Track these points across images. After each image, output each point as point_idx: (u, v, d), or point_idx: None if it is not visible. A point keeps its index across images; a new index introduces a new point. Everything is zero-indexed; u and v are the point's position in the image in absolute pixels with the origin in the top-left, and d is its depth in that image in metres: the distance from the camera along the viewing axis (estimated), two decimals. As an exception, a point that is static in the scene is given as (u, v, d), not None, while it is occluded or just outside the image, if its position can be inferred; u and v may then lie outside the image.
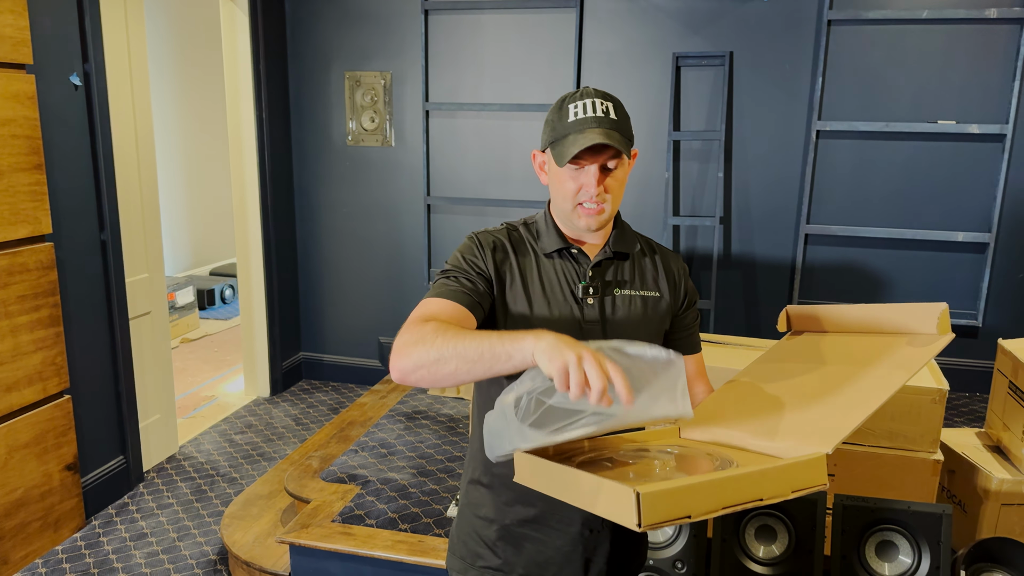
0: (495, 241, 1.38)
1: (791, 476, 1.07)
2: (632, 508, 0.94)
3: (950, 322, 1.28)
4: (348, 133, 4.27)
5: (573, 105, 1.31)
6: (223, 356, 5.19)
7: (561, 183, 1.33)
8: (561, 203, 1.35)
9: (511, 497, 1.37)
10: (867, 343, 1.39)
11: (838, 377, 1.33)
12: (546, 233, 1.40)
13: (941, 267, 3.79)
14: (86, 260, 3.01)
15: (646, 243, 1.49)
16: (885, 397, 1.19)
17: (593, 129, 1.27)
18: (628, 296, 1.40)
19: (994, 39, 3.51)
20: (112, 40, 3.09)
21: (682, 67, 3.83)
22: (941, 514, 1.92)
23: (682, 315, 1.49)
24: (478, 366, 1.11)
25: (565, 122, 1.30)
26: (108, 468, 3.19)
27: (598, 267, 1.39)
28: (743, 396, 1.41)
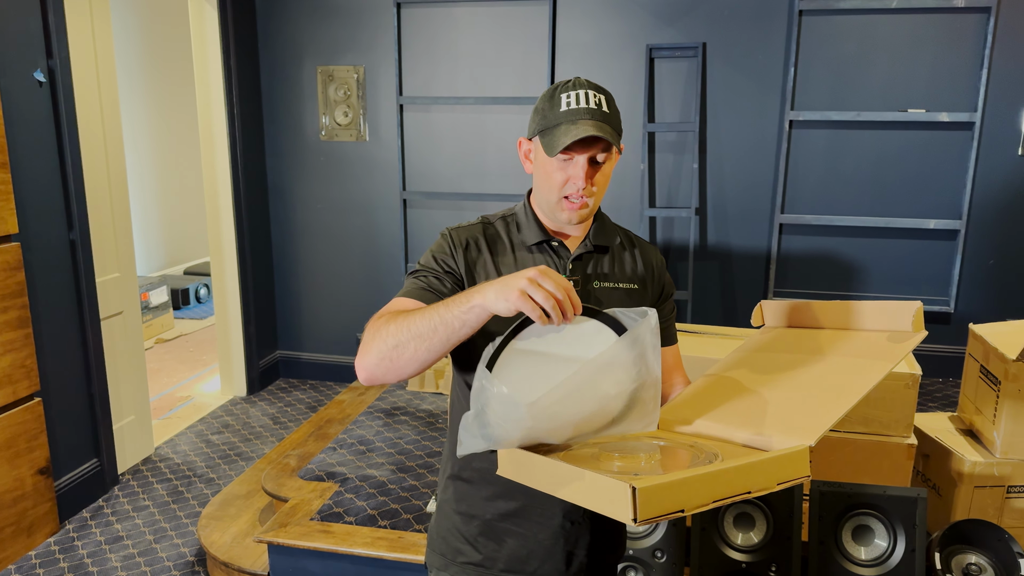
0: (468, 238, 1.36)
1: (777, 468, 1.10)
2: (628, 503, 0.94)
3: (923, 319, 1.30)
4: (321, 128, 4.23)
5: (566, 95, 1.29)
6: (199, 356, 5.12)
7: (548, 174, 1.31)
8: (546, 194, 1.33)
9: (492, 492, 1.36)
10: (843, 338, 1.41)
11: (817, 370, 1.34)
12: (526, 226, 1.39)
13: (913, 254, 3.84)
14: (55, 260, 2.95)
15: (625, 236, 1.49)
16: (865, 390, 1.21)
17: (586, 121, 1.25)
18: (608, 289, 1.39)
19: (962, 28, 3.55)
20: (77, 35, 3.03)
21: (656, 59, 3.84)
22: (916, 498, 1.95)
23: (659, 307, 1.48)
24: (436, 339, 1.12)
25: (557, 111, 1.28)
26: (82, 471, 3.13)
27: (578, 260, 1.38)
28: (723, 388, 1.42)
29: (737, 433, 1.25)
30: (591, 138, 1.25)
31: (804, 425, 1.18)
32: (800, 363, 1.39)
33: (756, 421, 1.26)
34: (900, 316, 1.34)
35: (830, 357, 1.36)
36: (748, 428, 1.25)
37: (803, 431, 1.17)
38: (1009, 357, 2.22)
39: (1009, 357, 2.22)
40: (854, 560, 1.94)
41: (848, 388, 1.24)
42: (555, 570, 1.36)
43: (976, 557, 1.97)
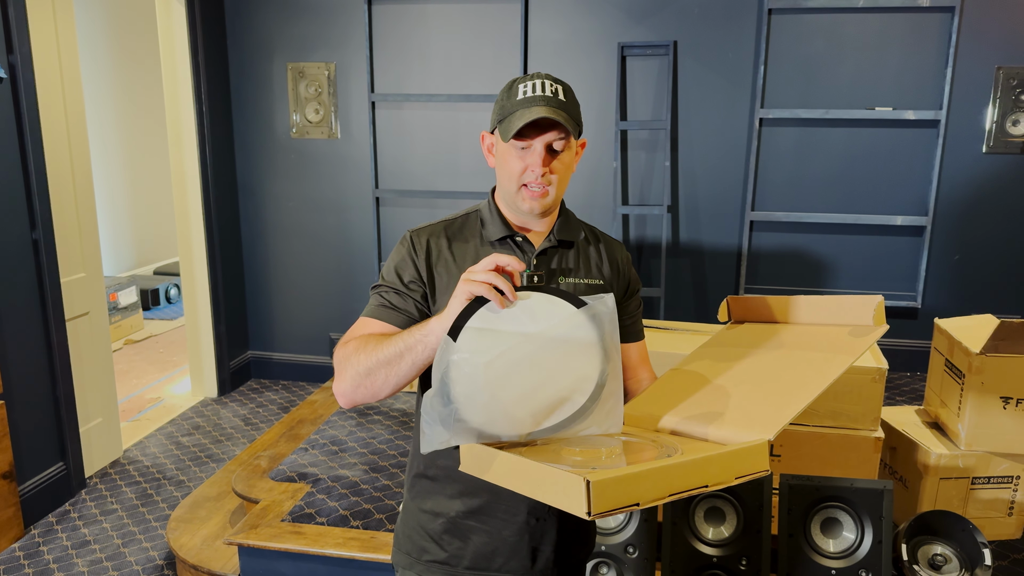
0: (428, 239, 1.36)
1: (735, 462, 1.10)
2: (582, 496, 0.94)
3: (885, 313, 1.33)
4: (292, 126, 4.19)
5: (523, 85, 1.30)
6: (169, 357, 5.05)
7: (506, 162, 1.32)
8: (506, 183, 1.33)
9: (456, 489, 1.35)
10: (806, 333, 1.43)
11: (778, 365, 1.36)
12: (490, 221, 1.39)
13: (881, 250, 3.89)
14: (17, 260, 2.89)
15: (590, 231, 1.49)
16: (824, 385, 1.23)
17: (540, 106, 1.27)
18: (573, 284, 1.39)
19: (927, 27, 3.61)
20: (39, 30, 2.97)
21: (627, 57, 3.85)
22: (882, 490, 1.97)
23: (626, 303, 1.49)
24: (402, 364, 1.18)
25: (514, 100, 1.30)
26: (47, 475, 3.07)
27: (543, 255, 1.38)
28: (686, 384, 1.43)
29: (698, 428, 1.26)
30: (547, 123, 1.26)
31: (763, 420, 1.20)
32: (762, 358, 1.40)
33: (717, 416, 1.27)
34: (861, 310, 1.36)
35: (792, 352, 1.38)
36: (709, 423, 1.26)
37: (762, 425, 1.18)
38: (972, 351, 2.26)
39: (972, 351, 2.26)
40: (823, 552, 1.96)
41: (808, 383, 1.25)
42: (521, 567, 1.36)
43: (941, 548, 2.00)
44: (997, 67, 3.58)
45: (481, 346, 1.14)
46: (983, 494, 2.37)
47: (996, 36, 3.56)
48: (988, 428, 2.30)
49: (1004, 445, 2.31)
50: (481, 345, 1.14)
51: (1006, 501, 2.38)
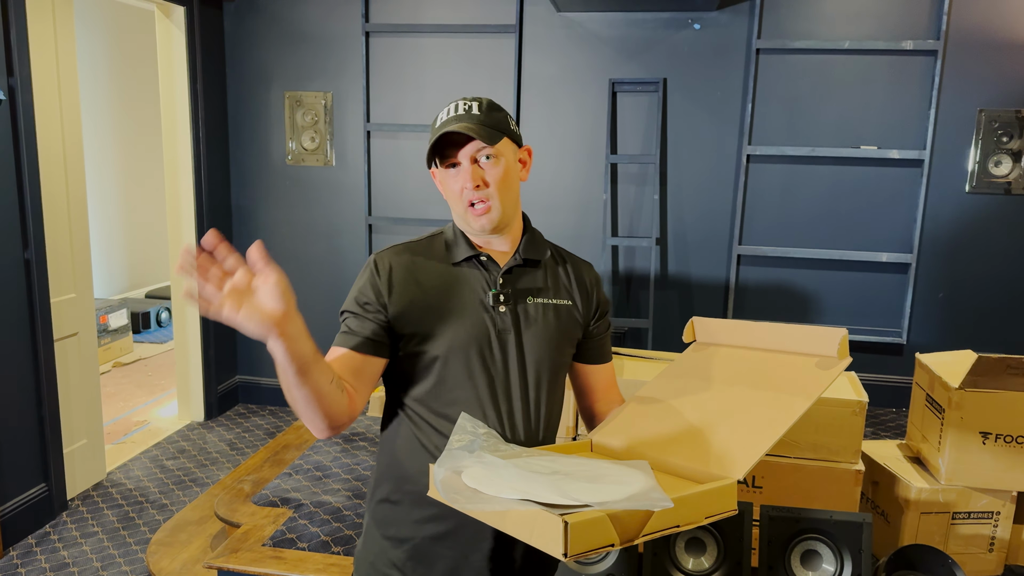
0: (391, 262, 1.36)
1: (706, 503, 1.13)
2: (559, 537, 0.96)
3: (848, 347, 1.34)
4: (288, 153, 4.24)
5: (443, 111, 1.35)
6: (157, 380, 5.04)
7: (446, 188, 1.35)
8: (454, 207, 1.36)
9: (422, 515, 1.33)
10: (771, 362, 1.44)
11: (745, 399, 1.37)
12: (454, 243, 1.39)
13: (867, 286, 3.94)
14: (8, 279, 2.91)
15: (557, 251, 1.49)
16: (791, 421, 1.25)
17: (451, 123, 1.30)
18: (541, 304, 1.39)
19: (911, 69, 3.70)
20: (40, 53, 3.02)
21: (618, 92, 3.92)
22: (861, 522, 1.98)
23: (595, 324, 1.49)
24: (291, 389, 1.14)
25: (434, 127, 1.34)
26: (28, 496, 3.05)
27: (509, 274, 1.38)
28: (655, 414, 1.43)
29: (668, 460, 1.28)
30: (461, 139, 1.29)
31: (732, 457, 1.22)
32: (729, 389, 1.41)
33: (685, 450, 1.29)
34: (827, 342, 1.37)
35: (759, 384, 1.39)
36: (678, 456, 1.27)
37: (730, 464, 1.20)
38: (952, 385, 2.28)
39: (952, 385, 2.28)
40: (802, 584, 1.96)
41: (775, 419, 1.27)
42: None
43: (920, 582, 2.00)
44: (979, 109, 3.66)
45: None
46: (964, 529, 2.38)
47: (978, 79, 3.65)
48: (968, 463, 2.31)
49: (984, 480, 2.32)
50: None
51: (986, 537, 2.39)
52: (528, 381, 1.37)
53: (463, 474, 1.14)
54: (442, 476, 1.13)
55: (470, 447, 1.22)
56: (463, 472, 1.14)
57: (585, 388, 1.56)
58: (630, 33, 3.85)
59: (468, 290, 1.35)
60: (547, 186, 4.03)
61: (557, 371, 1.43)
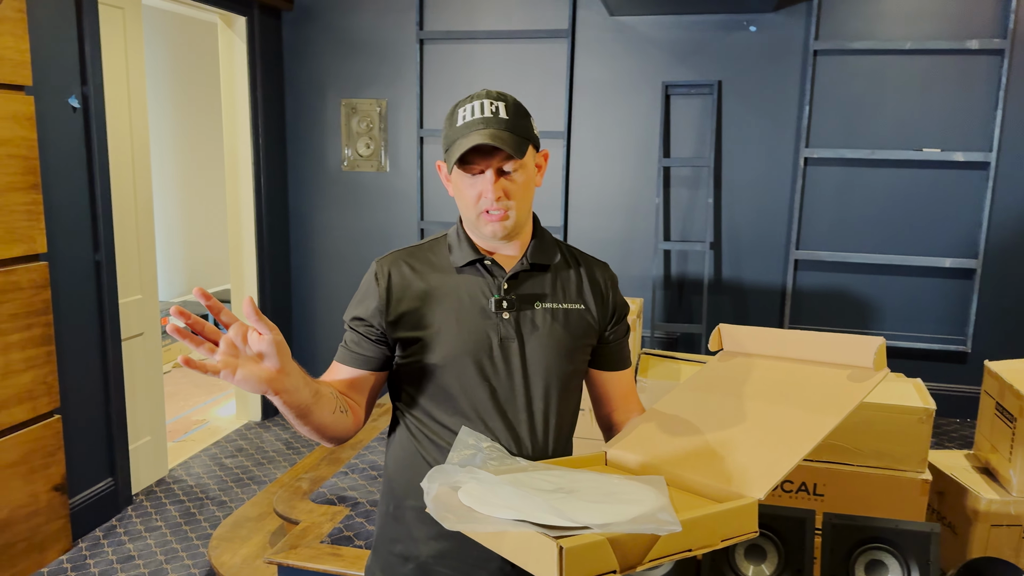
0: (391, 268, 1.32)
1: (723, 524, 1.05)
2: (554, 563, 0.90)
3: (886, 357, 1.25)
4: (344, 159, 4.32)
5: (463, 109, 1.25)
6: (215, 381, 5.16)
7: (460, 192, 1.27)
8: (465, 211, 1.29)
9: (428, 532, 1.29)
10: (801, 374, 1.35)
11: (771, 413, 1.29)
12: (458, 247, 1.33)
13: (929, 292, 3.83)
14: (80, 280, 3.02)
15: (569, 252, 1.41)
16: (816, 440, 1.17)
17: (479, 131, 1.21)
18: (549, 309, 1.32)
19: (975, 69, 3.59)
20: (111, 63, 3.14)
21: (672, 95, 3.90)
22: (929, 532, 1.92)
23: (612, 329, 1.42)
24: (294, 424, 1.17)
25: (454, 127, 1.24)
26: (96, 490, 3.16)
27: (514, 279, 1.32)
28: (673, 426, 1.35)
29: (686, 476, 1.21)
30: (489, 148, 1.21)
31: (753, 476, 1.14)
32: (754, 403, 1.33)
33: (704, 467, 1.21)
34: (862, 352, 1.28)
35: (787, 397, 1.30)
36: (696, 473, 1.20)
37: (752, 482, 1.12)
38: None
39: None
40: (866, 595, 1.91)
41: (801, 437, 1.19)
42: None
43: (991, 595, 1.93)
44: (1049, 110, 3.54)
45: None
46: (1036, 543, 2.29)
47: (1048, 79, 3.53)
48: (1041, 474, 2.23)
49: (1058, 493, 2.24)
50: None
51: (1061, 552, 2.30)
52: (533, 391, 1.31)
53: (459, 491, 1.07)
54: (434, 492, 1.07)
55: (471, 462, 1.16)
56: (459, 489, 1.08)
57: (602, 396, 1.49)
58: (684, 36, 3.83)
59: (470, 296, 1.30)
60: (597, 190, 4.03)
61: (568, 380, 1.36)
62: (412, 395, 1.32)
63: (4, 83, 2.55)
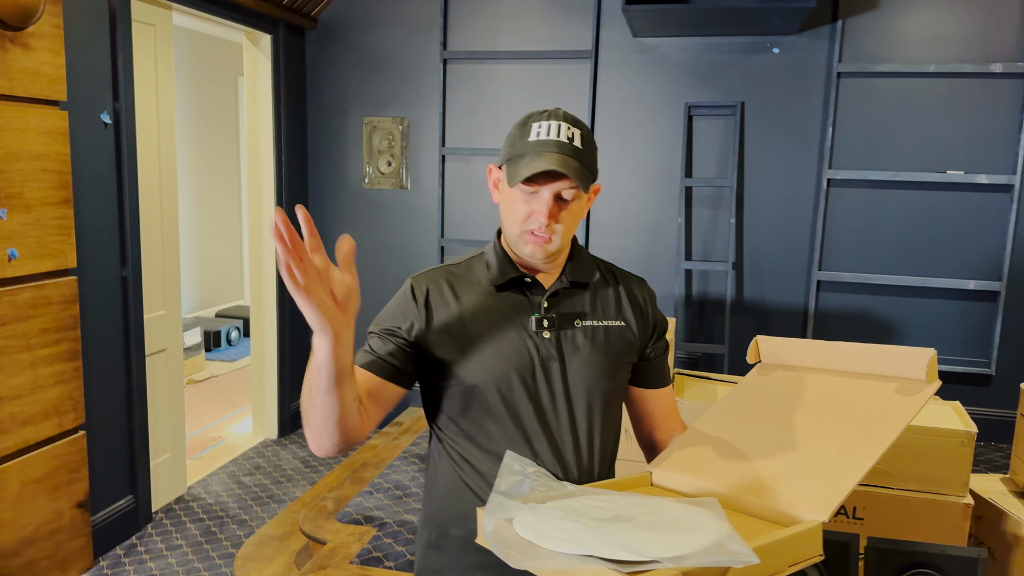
0: (429, 285, 1.30)
1: (790, 549, 1.02)
2: None
3: (938, 369, 1.21)
4: (365, 176, 4.33)
5: (537, 124, 1.22)
6: (230, 397, 5.15)
7: (511, 205, 1.25)
8: (509, 225, 1.27)
9: (470, 563, 1.25)
10: (847, 387, 1.31)
11: (822, 428, 1.25)
12: (496, 264, 1.31)
13: (952, 314, 3.82)
14: (107, 295, 3.02)
15: (607, 269, 1.40)
16: (878, 454, 1.14)
17: (552, 153, 1.19)
18: (590, 328, 1.30)
19: (999, 92, 3.61)
20: (141, 80, 3.15)
21: (694, 116, 3.92)
22: (976, 558, 1.90)
23: (652, 346, 1.40)
24: (316, 395, 1.10)
25: (525, 140, 1.22)
26: (117, 507, 3.14)
27: (554, 297, 1.30)
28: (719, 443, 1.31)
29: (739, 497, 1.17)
30: (555, 172, 1.19)
31: (813, 496, 1.11)
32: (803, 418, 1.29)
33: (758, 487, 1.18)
34: (911, 364, 1.23)
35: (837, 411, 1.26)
36: (750, 494, 1.17)
37: (813, 503, 1.09)
38: (1065, 417, 2.19)
39: (1065, 417, 2.19)
40: (913, 621, 1.88)
41: (860, 451, 1.15)
42: None
43: (1040, 623, 1.90)
44: (1073, 133, 3.55)
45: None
46: (1078, 570, 2.26)
47: (1072, 102, 3.54)
48: (1083, 499, 2.21)
49: (1101, 518, 2.21)
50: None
51: (1103, 578, 2.26)
52: (577, 412, 1.28)
53: (514, 523, 1.03)
54: (492, 527, 1.02)
55: (519, 489, 1.13)
56: (514, 521, 1.04)
57: (643, 414, 1.46)
58: (707, 57, 3.85)
59: (509, 315, 1.28)
60: (618, 209, 4.03)
61: (611, 399, 1.34)
62: (452, 418, 1.29)
63: (41, 98, 2.56)
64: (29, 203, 2.54)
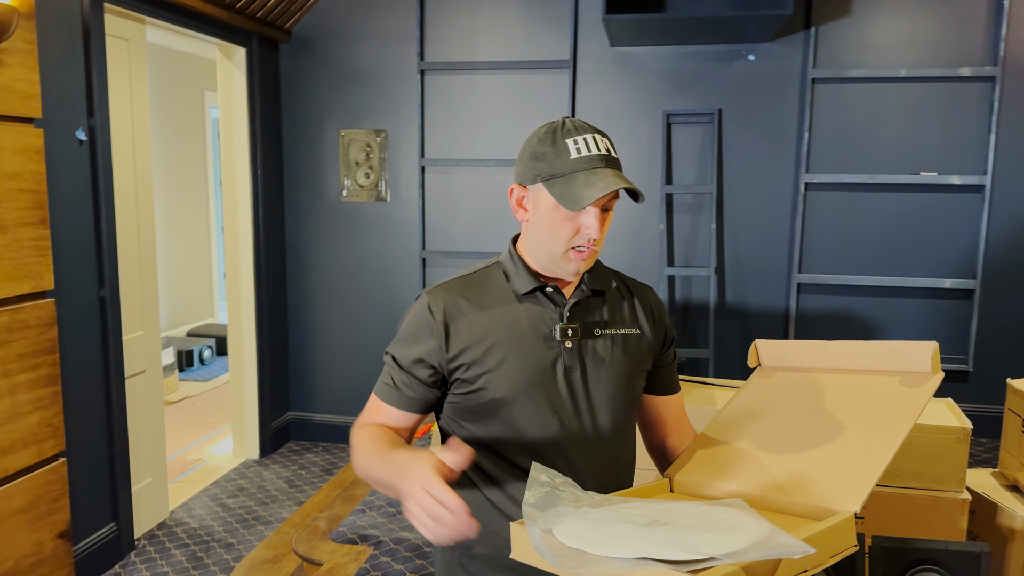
0: (444, 300, 1.26)
1: (828, 542, 1.03)
2: None
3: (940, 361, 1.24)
4: (343, 189, 4.28)
5: (572, 140, 1.19)
6: (206, 418, 5.03)
7: (555, 224, 1.20)
8: (550, 245, 1.23)
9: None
10: (852, 384, 1.32)
11: (835, 423, 1.26)
12: (516, 274, 1.29)
13: (930, 313, 3.89)
14: (85, 317, 2.93)
15: (619, 278, 1.40)
16: (897, 444, 1.15)
17: (603, 168, 1.18)
18: (610, 336, 1.30)
19: (969, 95, 3.70)
20: (116, 96, 3.08)
21: (673, 124, 3.95)
22: (980, 553, 1.92)
23: (664, 353, 1.41)
24: (389, 492, 1.12)
25: (566, 159, 1.18)
26: (100, 536, 3.03)
27: (575, 306, 1.29)
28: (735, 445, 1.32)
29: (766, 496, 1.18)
30: None
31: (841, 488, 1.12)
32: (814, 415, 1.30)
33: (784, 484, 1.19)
34: (914, 357, 1.26)
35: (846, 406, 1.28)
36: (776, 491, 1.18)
37: (841, 495, 1.11)
38: (1055, 410, 2.23)
39: (1055, 410, 2.23)
40: (922, 617, 1.90)
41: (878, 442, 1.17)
42: None
43: (1043, 614, 1.93)
44: (1039, 134, 3.66)
45: None
46: (1072, 560, 2.31)
47: (1037, 104, 3.65)
48: (1074, 490, 2.25)
49: (1092, 508, 2.26)
50: None
51: (1096, 567, 2.31)
52: (600, 421, 1.28)
53: (556, 533, 1.02)
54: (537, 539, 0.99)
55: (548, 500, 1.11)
56: (555, 530, 1.02)
57: (656, 421, 1.47)
58: (684, 66, 3.89)
59: (532, 326, 1.26)
60: (602, 218, 4.04)
61: (630, 407, 1.34)
62: (474, 433, 1.27)
63: (15, 116, 2.48)
64: (5, 224, 2.46)
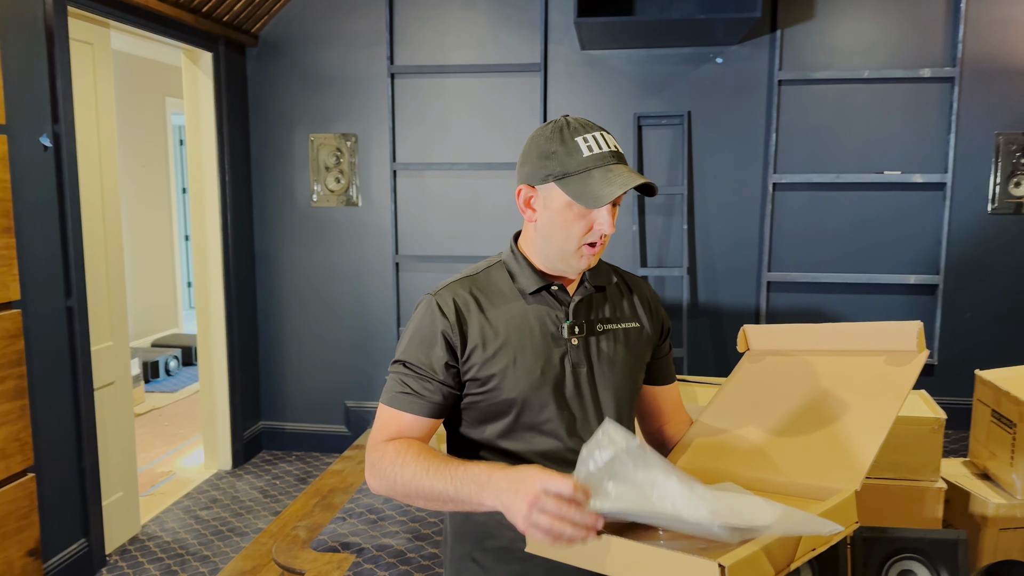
0: (455, 302, 1.26)
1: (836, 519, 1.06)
2: None
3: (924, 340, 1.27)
4: (313, 194, 4.23)
5: (582, 139, 1.20)
6: (175, 430, 4.93)
7: (568, 222, 1.21)
8: (562, 243, 1.23)
9: (509, 571, 1.25)
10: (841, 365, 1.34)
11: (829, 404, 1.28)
12: (521, 273, 1.30)
13: (896, 308, 3.98)
14: (52, 328, 2.85)
15: (617, 273, 1.42)
16: (889, 422, 1.18)
17: (617, 165, 1.20)
18: (612, 331, 1.32)
19: (929, 96, 3.80)
20: (81, 101, 3.01)
21: (643, 126, 3.99)
22: (957, 540, 1.97)
23: (661, 344, 1.44)
24: (447, 506, 1.13)
25: (579, 157, 1.19)
26: (71, 552, 2.95)
27: (580, 303, 1.30)
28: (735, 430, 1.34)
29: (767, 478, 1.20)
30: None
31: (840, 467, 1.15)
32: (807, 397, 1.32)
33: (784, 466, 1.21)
34: (900, 337, 1.29)
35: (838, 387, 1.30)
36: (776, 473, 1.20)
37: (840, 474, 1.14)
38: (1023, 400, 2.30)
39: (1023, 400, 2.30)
40: (904, 605, 1.94)
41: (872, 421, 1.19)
42: None
43: (1018, 597, 1.99)
44: (996, 133, 3.77)
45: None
46: (1042, 544, 2.38)
47: (994, 104, 3.76)
48: (1043, 476, 2.32)
49: (1060, 493, 2.33)
50: None
51: (1065, 551, 2.39)
52: (606, 416, 1.29)
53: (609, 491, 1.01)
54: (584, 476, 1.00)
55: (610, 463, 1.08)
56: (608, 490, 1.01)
57: (654, 411, 1.50)
58: (653, 69, 3.93)
59: (539, 323, 1.27)
60: (576, 220, 4.05)
61: (633, 399, 1.37)
62: (485, 431, 1.28)
63: (-22, 121, 2.41)
64: (-32, 233, 2.38)
